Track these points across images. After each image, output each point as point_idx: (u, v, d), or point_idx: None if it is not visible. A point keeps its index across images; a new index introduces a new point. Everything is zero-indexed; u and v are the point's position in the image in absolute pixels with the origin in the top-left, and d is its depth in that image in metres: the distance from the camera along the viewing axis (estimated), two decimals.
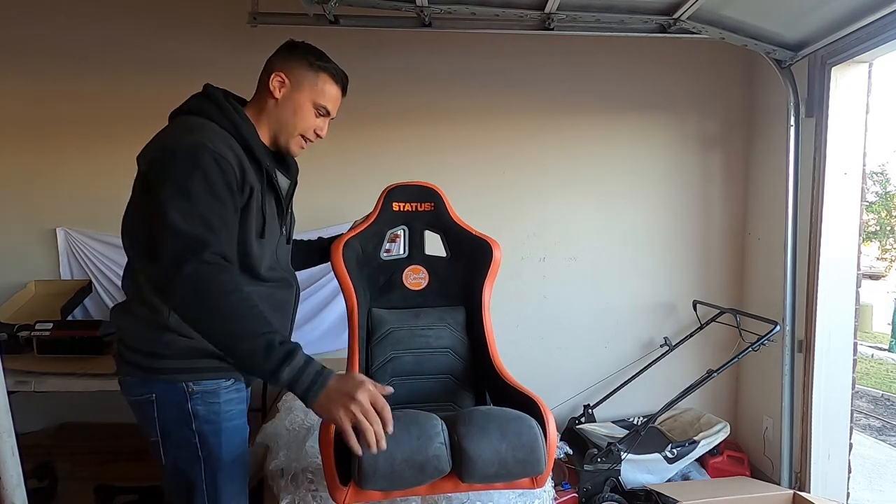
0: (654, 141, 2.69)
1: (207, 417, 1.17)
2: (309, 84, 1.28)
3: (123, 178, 2.55)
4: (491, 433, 1.20)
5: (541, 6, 1.92)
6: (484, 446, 1.19)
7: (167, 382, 1.16)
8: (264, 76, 1.29)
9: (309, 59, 1.29)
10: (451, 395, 1.65)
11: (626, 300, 2.75)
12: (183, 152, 1.10)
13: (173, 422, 1.16)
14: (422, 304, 1.72)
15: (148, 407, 1.16)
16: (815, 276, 2.20)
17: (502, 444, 1.20)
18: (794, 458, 2.27)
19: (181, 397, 1.16)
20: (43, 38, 2.49)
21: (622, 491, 2.23)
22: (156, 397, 1.16)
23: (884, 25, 1.82)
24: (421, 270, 1.74)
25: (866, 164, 2.18)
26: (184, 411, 1.16)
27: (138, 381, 1.17)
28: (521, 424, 1.24)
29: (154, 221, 1.06)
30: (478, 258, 1.69)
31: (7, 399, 1.16)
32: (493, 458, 1.19)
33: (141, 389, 1.17)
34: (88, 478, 2.20)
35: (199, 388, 1.17)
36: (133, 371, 1.17)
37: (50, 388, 1.83)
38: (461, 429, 1.21)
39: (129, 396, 1.20)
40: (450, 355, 1.66)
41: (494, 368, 1.57)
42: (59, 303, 2.31)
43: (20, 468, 1.17)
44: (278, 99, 1.27)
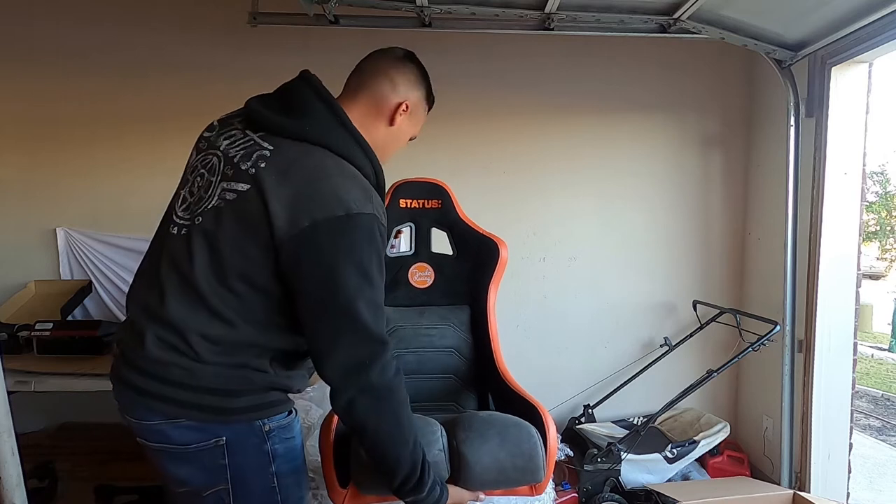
0: (654, 141, 2.69)
1: (286, 456, 1.05)
2: (420, 116, 1.21)
3: (123, 177, 2.58)
4: (490, 440, 1.20)
5: (541, 6, 1.92)
6: (483, 453, 1.18)
7: (243, 423, 1.01)
8: (385, 97, 1.13)
9: (428, 90, 1.20)
10: (454, 395, 1.65)
11: (626, 300, 2.75)
12: (364, 223, 0.95)
13: (249, 466, 1.02)
14: (427, 302, 1.71)
15: (209, 454, 1.00)
16: (815, 276, 2.20)
17: (501, 452, 1.19)
18: (794, 458, 2.27)
19: (258, 438, 1.02)
20: (43, 38, 2.49)
21: (622, 491, 2.23)
22: (226, 441, 1.00)
23: (884, 25, 1.82)
24: (427, 268, 1.73)
25: (866, 164, 2.18)
26: (262, 453, 1.02)
27: (198, 424, 0.99)
28: (520, 432, 1.23)
29: (323, 299, 0.95)
30: (484, 257, 1.68)
31: (7, 399, 1.16)
32: (491, 465, 1.18)
33: (201, 435, 0.99)
34: (88, 478, 2.19)
35: (274, 424, 1.04)
36: (196, 414, 0.99)
37: (50, 388, 1.82)
38: (460, 434, 1.21)
39: (178, 445, 1.00)
40: (453, 355, 1.66)
41: (498, 371, 1.57)
42: (59, 303, 2.31)
43: (20, 468, 1.18)
44: (392, 127, 1.15)
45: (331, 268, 0.94)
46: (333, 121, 1.05)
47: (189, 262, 0.99)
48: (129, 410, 1.03)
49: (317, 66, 2.83)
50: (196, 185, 1.06)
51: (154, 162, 2.55)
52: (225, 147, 1.06)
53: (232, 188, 0.99)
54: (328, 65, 2.86)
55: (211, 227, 0.99)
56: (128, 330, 1.05)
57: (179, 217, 1.06)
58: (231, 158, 1.03)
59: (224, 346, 0.99)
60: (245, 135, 1.06)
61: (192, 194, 1.06)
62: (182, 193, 1.09)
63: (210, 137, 1.11)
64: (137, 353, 1.00)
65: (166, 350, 0.98)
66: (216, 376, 0.99)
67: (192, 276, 0.98)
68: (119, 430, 2.49)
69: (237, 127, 1.09)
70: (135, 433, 1.04)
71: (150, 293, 1.03)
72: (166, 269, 1.02)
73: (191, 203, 1.04)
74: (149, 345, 0.98)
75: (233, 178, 1.00)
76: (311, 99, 1.06)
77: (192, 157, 1.13)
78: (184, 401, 0.98)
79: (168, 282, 1.00)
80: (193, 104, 2.53)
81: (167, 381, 0.98)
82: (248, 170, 0.99)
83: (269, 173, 0.97)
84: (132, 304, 1.08)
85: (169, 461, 1.02)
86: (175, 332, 0.98)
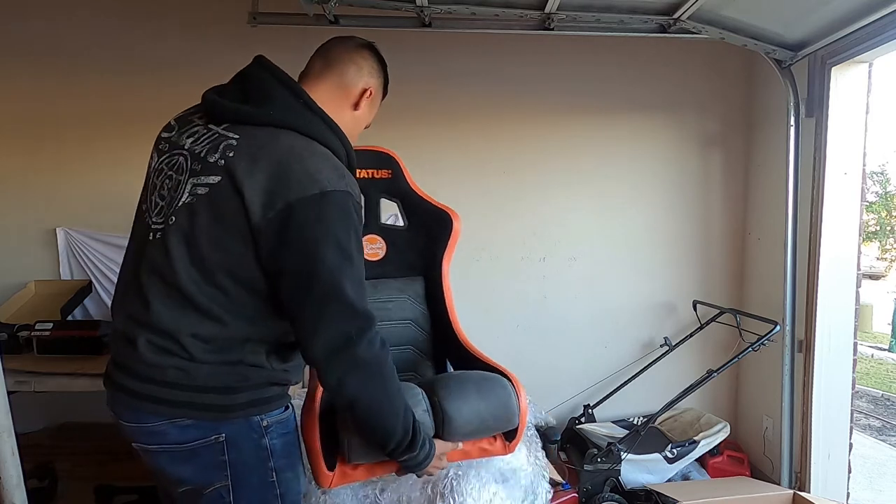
0: (654, 141, 2.69)
1: (284, 451, 1.06)
2: (376, 105, 1.24)
3: (123, 177, 2.57)
4: (469, 394, 1.29)
5: (541, 6, 1.92)
6: (462, 406, 1.27)
7: (241, 419, 1.01)
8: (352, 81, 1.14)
9: (386, 79, 1.24)
10: (412, 365, 1.67)
11: (626, 300, 2.75)
12: (339, 200, 0.96)
13: (248, 462, 1.02)
14: (381, 275, 1.68)
15: (209, 451, 0.99)
16: (815, 276, 2.20)
17: (480, 403, 1.29)
18: (794, 458, 2.27)
19: (257, 433, 1.02)
20: (42, 37, 2.49)
21: (622, 491, 2.23)
22: (225, 437, 1.00)
23: (884, 25, 1.82)
24: (378, 240, 1.70)
25: (866, 164, 2.18)
26: (261, 448, 1.03)
27: (198, 422, 0.99)
28: (494, 384, 1.34)
29: (305, 279, 0.94)
30: (436, 229, 1.67)
31: (7, 399, 1.16)
32: (472, 416, 1.27)
33: (200, 432, 0.99)
34: (88, 478, 2.19)
35: (272, 419, 1.04)
36: (194, 413, 0.98)
37: (50, 388, 1.82)
38: (441, 392, 1.29)
39: (177, 444, 0.99)
40: (411, 327, 1.67)
41: (458, 338, 1.60)
42: (59, 303, 2.31)
43: (20, 468, 1.18)
44: (357, 112, 1.17)
45: (310, 247, 0.94)
46: (298, 104, 1.05)
47: (170, 266, 0.98)
48: (126, 415, 1.03)
49: None
50: (165, 188, 1.04)
51: None
52: (190, 145, 1.04)
53: (202, 182, 0.98)
54: None
55: (186, 225, 0.98)
56: (118, 337, 1.05)
57: (154, 222, 1.04)
58: (198, 154, 1.01)
59: (217, 344, 0.99)
60: (208, 129, 1.05)
61: (164, 197, 1.03)
62: (152, 199, 1.07)
63: (170, 137, 1.10)
64: (130, 358, 1.00)
65: (159, 353, 0.97)
66: (212, 375, 0.99)
67: (176, 278, 0.97)
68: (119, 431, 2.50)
69: (197, 123, 1.08)
70: (132, 438, 1.03)
71: (133, 302, 1.02)
72: (147, 275, 1.01)
73: (163, 206, 1.03)
74: (141, 349, 0.98)
75: (202, 172, 0.99)
76: (273, 84, 1.06)
77: (154, 160, 1.11)
78: (182, 401, 0.98)
79: (152, 289, 0.99)
80: (193, 104, 2.53)
81: (164, 383, 0.98)
82: (216, 161, 0.98)
83: (238, 161, 0.96)
84: (117, 314, 1.08)
85: (168, 462, 1.02)
86: (166, 337, 0.97)
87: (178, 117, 1.14)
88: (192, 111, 1.14)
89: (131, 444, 1.05)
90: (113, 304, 1.11)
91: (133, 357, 0.99)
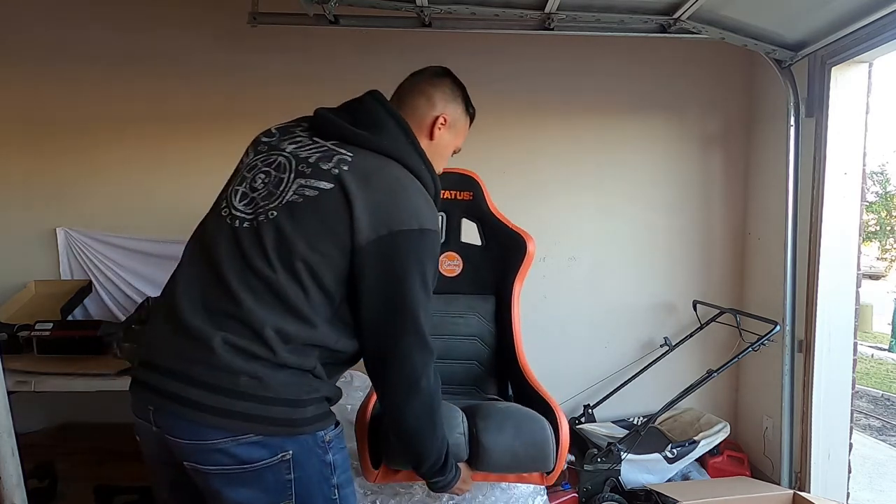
0: (654, 141, 2.69)
1: (343, 466, 1.05)
2: (461, 129, 1.27)
3: (123, 177, 2.58)
4: (506, 430, 1.31)
5: (541, 6, 1.92)
6: (499, 441, 1.30)
7: (308, 435, 0.99)
8: (417, 111, 1.19)
9: (466, 102, 1.27)
10: (476, 380, 1.74)
11: (626, 300, 2.74)
12: (432, 239, 1.04)
13: (313, 480, 1.00)
14: (455, 290, 1.78)
15: (274, 471, 0.96)
16: (815, 276, 2.19)
17: (516, 441, 1.31)
18: (794, 458, 2.27)
19: (321, 449, 1.00)
20: (42, 38, 2.49)
21: (622, 491, 2.23)
22: (292, 455, 0.96)
23: (884, 25, 1.82)
24: (456, 257, 1.80)
25: (866, 164, 2.18)
26: (325, 464, 1.01)
27: (264, 439, 0.94)
28: (534, 425, 1.34)
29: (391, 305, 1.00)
30: (511, 250, 1.75)
31: (7, 399, 1.16)
32: (506, 452, 1.30)
33: (267, 451, 0.95)
34: (88, 478, 2.19)
35: (332, 434, 1.03)
36: (264, 428, 0.94)
37: (50, 388, 1.83)
38: (480, 423, 1.32)
39: (241, 465, 0.94)
40: (477, 343, 1.74)
41: (518, 363, 1.65)
42: (59, 303, 2.31)
43: (20, 468, 1.18)
44: (433, 141, 1.20)
45: (401, 276, 0.99)
46: (404, 138, 1.11)
47: (263, 257, 0.98)
48: (178, 429, 0.95)
49: (317, 66, 2.86)
50: (259, 182, 1.05)
51: (154, 162, 2.55)
52: (292, 149, 1.07)
53: (312, 185, 1.00)
54: (328, 64, 2.87)
55: (287, 222, 0.99)
56: (174, 341, 0.98)
57: (240, 211, 1.04)
58: (305, 158, 1.04)
59: (295, 345, 0.97)
60: (314, 141, 1.08)
61: (256, 190, 1.05)
62: (239, 189, 1.07)
63: (271, 141, 1.13)
64: (198, 364, 0.94)
65: (237, 355, 0.94)
66: (286, 385, 0.96)
67: (268, 270, 0.97)
68: (119, 430, 2.50)
69: (301, 134, 1.11)
70: (183, 456, 0.96)
71: (213, 292, 0.99)
72: (233, 266, 0.99)
73: (255, 198, 1.04)
74: (218, 350, 0.93)
75: (311, 175, 1.01)
76: (384, 115, 1.12)
77: (249, 156, 1.13)
78: (253, 414, 0.93)
79: (239, 279, 0.97)
80: (193, 104, 2.53)
81: (235, 394, 0.93)
82: (330, 170, 1.01)
83: (351, 177, 1.00)
84: (180, 311, 0.99)
85: (226, 484, 0.95)
86: (249, 330, 0.95)
87: (280, 126, 1.17)
88: (294, 123, 1.17)
89: (183, 462, 0.96)
90: (170, 301, 1.02)
91: (203, 363, 0.94)
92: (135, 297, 2.50)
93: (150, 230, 2.54)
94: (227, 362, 0.93)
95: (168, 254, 2.49)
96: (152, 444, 1.01)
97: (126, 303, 2.52)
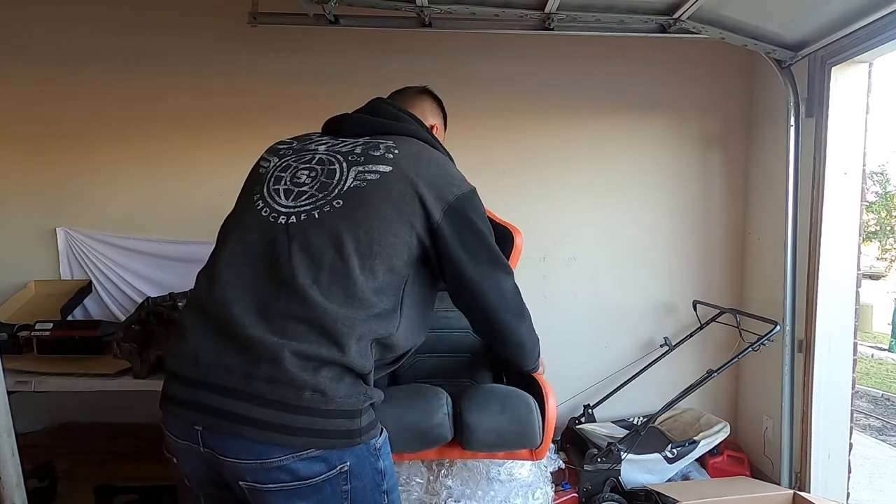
0: (654, 141, 2.69)
1: (391, 471, 1.03)
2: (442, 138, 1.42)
3: (124, 177, 2.58)
4: (491, 408, 1.35)
5: (541, 6, 1.92)
6: (483, 419, 1.33)
7: (363, 445, 0.96)
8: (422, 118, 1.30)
9: (445, 120, 1.48)
10: (470, 371, 1.77)
11: (627, 300, 2.74)
12: (477, 193, 1.16)
13: (367, 488, 0.98)
14: None
15: (333, 483, 0.93)
16: (815, 276, 2.19)
17: (501, 418, 1.34)
18: (794, 458, 2.27)
19: (374, 456, 0.99)
20: (43, 38, 2.49)
21: (622, 491, 2.23)
22: (350, 466, 0.94)
23: (884, 25, 1.82)
24: None
25: (866, 164, 2.18)
26: (377, 471, 0.99)
27: (325, 453, 0.91)
28: (518, 401, 1.38)
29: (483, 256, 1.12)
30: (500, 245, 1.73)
31: (7, 399, 1.16)
32: (491, 429, 1.34)
33: (327, 465, 0.92)
34: (88, 478, 2.19)
35: (381, 441, 1.01)
36: (326, 442, 0.91)
37: (50, 388, 1.82)
38: (464, 403, 1.35)
39: (302, 480, 0.91)
40: (470, 336, 1.77)
41: None
42: (59, 303, 2.31)
43: (20, 468, 1.18)
44: None
45: (479, 230, 1.12)
46: (421, 127, 1.24)
47: (333, 246, 0.96)
48: (233, 449, 0.90)
49: (317, 66, 2.86)
50: (304, 177, 1.06)
51: (154, 162, 2.55)
52: (326, 148, 1.12)
53: (371, 170, 1.05)
54: (328, 64, 2.87)
55: (355, 207, 1.01)
56: (228, 356, 0.92)
57: (289, 207, 1.02)
58: (350, 151, 1.09)
59: (361, 342, 0.96)
60: (342, 141, 1.14)
61: (303, 184, 1.05)
62: (280, 188, 1.06)
63: (292, 145, 1.16)
64: (259, 380, 0.90)
65: (304, 367, 0.90)
66: (345, 397, 0.93)
67: (339, 259, 0.96)
68: (119, 430, 2.51)
69: (323, 139, 1.17)
70: (236, 476, 0.92)
71: (273, 296, 0.94)
72: (293, 261, 0.95)
73: (305, 192, 1.03)
74: (285, 364, 0.89)
75: (367, 162, 1.06)
76: (399, 111, 1.23)
77: (272, 160, 1.13)
78: (315, 429, 0.90)
79: (302, 273, 0.94)
80: (193, 104, 2.53)
81: (298, 409, 0.89)
82: (383, 155, 1.07)
83: (404, 158, 1.08)
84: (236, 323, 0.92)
85: (284, 500, 0.92)
86: (318, 329, 0.92)
87: (296, 136, 1.22)
88: (310, 133, 1.22)
89: (237, 482, 0.92)
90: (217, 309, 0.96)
91: (263, 375, 0.89)
92: (135, 297, 2.49)
93: (151, 230, 2.54)
94: (293, 376, 0.89)
95: (168, 254, 2.49)
96: (196, 465, 0.97)
97: (126, 303, 2.52)
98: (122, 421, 2.53)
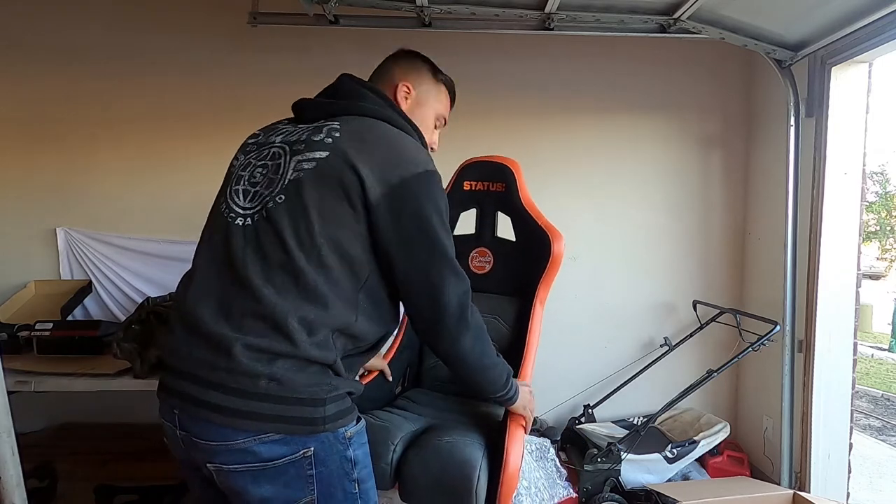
0: (654, 141, 2.69)
1: (364, 461, 1.05)
2: (434, 97, 1.29)
3: (123, 177, 2.58)
4: (431, 466, 1.28)
5: (541, 6, 1.92)
6: (419, 479, 1.28)
7: (330, 432, 0.99)
8: (384, 86, 1.22)
9: (432, 71, 1.31)
10: None
11: (626, 300, 2.75)
12: (438, 179, 1.07)
13: (334, 475, 1.00)
14: (482, 288, 1.61)
15: (297, 467, 0.97)
16: (815, 276, 2.19)
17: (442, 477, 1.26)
18: (794, 458, 2.27)
19: (343, 445, 1.01)
20: (43, 38, 2.50)
21: (622, 491, 2.23)
22: (314, 452, 0.97)
23: (884, 25, 1.82)
24: (487, 253, 1.69)
25: (866, 164, 2.18)
26: (346, 460, 1.01)
27: (286, 437, 0.96)
28: (462, 470, 1.26)
29: (422, 250, 1.02)
30: (536, 251, 1.55)
31: (7, 399, 1.16)
32: (426, 488, 1.28)
33: (289, 448, 0.96)
34: (88, 478, 2.19)
35: (353, 430, 1.03)
36: (284, 427, 0.95)
37: (50, 388, 1.82)
38: (409, 453, 1.31)
39: (264, 462, 0.96)
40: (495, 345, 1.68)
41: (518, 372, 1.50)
42: (59, 303, 2.31)
43: (20, 468, 1.18)
44: (404, 110, 1.21)
45: (424, 218, 1.02)
46: (383, 101, 1.15)
47: (280, 244, 0.98)
48: (203, 432, 0.97)
49: (317, 66, 2.86)
50: (258, 175, 1.06)
51: (154, 162, 2.55)
52: (282, 138, 1.09)
53: (309, 158, 1.01)
54: (328, 64, 2.86)
55: (295, 201, 0.99)
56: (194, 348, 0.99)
57: (244, 208, 1.04)
58: (297, 140, 1.06)
59: (318, 335, 0.97)
60: (299, 127, 1.10)
61: (256, 184, 1.05)
62: (239, 188, 1.08)
63: (257, 140, 1.15)
64: (218, 370, 0.95)
65: (258, 359, 0.94)
66: (306, 386, 0.96)
67: (286, 256, 0.97)
68: (119, 430, 2.51)
69: (285, 127, 1.13)
70: (207, 457, 0.98)
71: (232, 294, 0.99)
72: (248, 261, 0.99)
73: (257, 192, 1.04)
74: (238, 356, 0.94)
75: (306, 150, 1.02)
76: (359, 87, 1.17)
77: (239, 160, 1.14)
78: (272, 414, 0.95)
79: (255, 273, 0.98)
80: (193, 104, 2.53)
81: (255, 396, 0.94)
82: (322, 139, 1.02)
83: (346, 141, 1.02)
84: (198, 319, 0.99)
85: (251, 481, 0.97)
86: (271, 325, 0.95)
87: (264, 127, 1.19)
88: (277, 122, 1.19)
89: (206, 464, 0.98)
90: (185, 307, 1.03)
91: (222, 368, 0.95)
92: (135, 297, 2.50)
93: (151, 230, 2.54)
94: (247, 367, 0.94)
95: (168, 254, 2.49)
96: (177, 447, 1.04)
97: (126, 303, 2.53)
98: (122, 421, 2.53)
